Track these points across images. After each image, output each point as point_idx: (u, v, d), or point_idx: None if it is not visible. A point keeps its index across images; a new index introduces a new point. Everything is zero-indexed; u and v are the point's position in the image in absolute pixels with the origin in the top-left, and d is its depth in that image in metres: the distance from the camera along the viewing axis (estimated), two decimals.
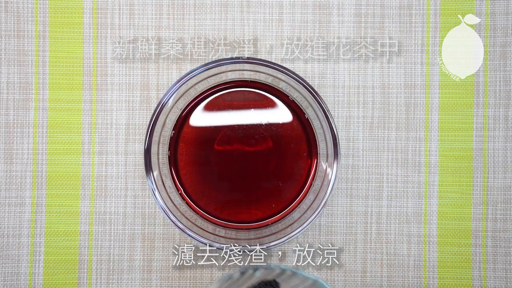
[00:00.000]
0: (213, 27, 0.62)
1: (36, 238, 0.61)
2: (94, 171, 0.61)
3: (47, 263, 0.61)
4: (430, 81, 0.62)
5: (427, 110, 0.62)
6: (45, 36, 0.62)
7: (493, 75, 0.62)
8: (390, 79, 0.62)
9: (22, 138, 0.61)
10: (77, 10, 0.62)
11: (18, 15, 0.62)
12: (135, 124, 0.62)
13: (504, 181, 0.61)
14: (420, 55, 0.62)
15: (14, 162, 0.61)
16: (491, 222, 0.61)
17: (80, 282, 0.61)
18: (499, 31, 0.62)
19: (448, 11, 0.62)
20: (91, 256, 0.61)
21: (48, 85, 0.62)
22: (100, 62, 0.62)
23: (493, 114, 0.62)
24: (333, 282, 0.61)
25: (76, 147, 0.61)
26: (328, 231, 0.61)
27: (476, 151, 0.62)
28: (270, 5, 0.62)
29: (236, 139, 0.59)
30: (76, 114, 0.62)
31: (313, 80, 0.62)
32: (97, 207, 0.61)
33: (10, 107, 0.61)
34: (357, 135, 0.62)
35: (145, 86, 0.62)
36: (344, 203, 0.61)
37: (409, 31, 0.62)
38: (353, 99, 0.62)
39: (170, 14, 0.62)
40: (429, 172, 0.62)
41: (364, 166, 0.62)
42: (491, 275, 0.61)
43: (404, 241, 0.61)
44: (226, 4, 0.62)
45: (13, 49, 0.62)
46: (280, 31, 0.62)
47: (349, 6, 0.62)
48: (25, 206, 0.61)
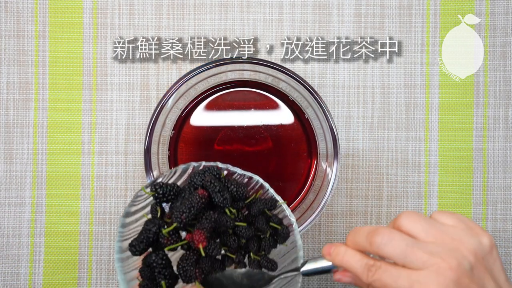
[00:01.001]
0: (213, 27, 0.62)
1: (36, 238, 0.61)
2: (94, 171, 0.61)
3: (47, 263, 0.61)
4: (430, 81, 0.62)
5: (427, 110, 0.62)
6: (45, 36, 0.62)
7: (493, 75, 0.62)
8: (390, 79, 0.62)
9: (22, 138, 0.61)
10: (77, 10, 0.62)
11: (18, 15, 0.62)
12: (135, 124, 0.62)
13: (504, 181, 0.61)
14: (420, 55, 0.62)
15: (14, 162, 0.61)
16: (491, 222, 0.61)
17: (80, 282, 0.61)
18: (499, 31, 0.62)
19: (448, 11, 0.62)
20: (91, 256, 0.61)
21: (48, 85, 0.62)
22: (100, 62, 0.62)
23: (493, 114, 0.62)
24: (333, 283, 0.61)
25: (76, 147, 0.61)
26: (328, 231, 0.61)
27: (476, 151, 0.62)
28: (270, 5, 0.62)
29: (236, 139, 0.59)
30: (76, 114, 0.62)
31: (313, 80, 0.62)
32: (97, 207, 0.61)
33: (10, 107, 0.61)
34: (357, 135, 0.62)
35: (145, 86, 0.62)
36: (344, 203, 0.61)
37: (409, 31, 0.62)
38: (353, 99, 0.62)
39: (170, 14, 0.62)
40: (429, 172, 0.62)
41: (364, 166, 0.62)
42: None
43: None
44: (226, 4, 0.62)
45: (13, 49, 0.62)
46: (280, 31, 0.62)
47: (349, 6, 0.62)
48: (25, 206, 0.61)
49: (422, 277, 0.39)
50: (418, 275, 0.39)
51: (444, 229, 0.42)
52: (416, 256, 0.40)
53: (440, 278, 0.39)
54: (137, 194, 0.48)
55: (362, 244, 0.42)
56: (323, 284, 0.61)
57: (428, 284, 0.38)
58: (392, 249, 0.40)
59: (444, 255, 0.39)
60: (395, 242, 0.40)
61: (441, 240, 0.41)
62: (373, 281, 0.41)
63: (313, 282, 0.61)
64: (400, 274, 0.40)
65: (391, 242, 0.40)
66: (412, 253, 0.40)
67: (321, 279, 0.61)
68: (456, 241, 0.41)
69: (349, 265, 0.43)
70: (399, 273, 0.40)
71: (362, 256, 0.43)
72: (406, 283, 0.39)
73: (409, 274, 0.40)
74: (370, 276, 0.41)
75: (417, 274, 0.39)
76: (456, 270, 0.39)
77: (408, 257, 0.40)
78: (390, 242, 0.40)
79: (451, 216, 0.43)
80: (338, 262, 0.44)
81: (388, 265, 0.41)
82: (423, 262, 0.39)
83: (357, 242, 0.43)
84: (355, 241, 0.43)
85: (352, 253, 0.43)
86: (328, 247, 0.45)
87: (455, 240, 0.41)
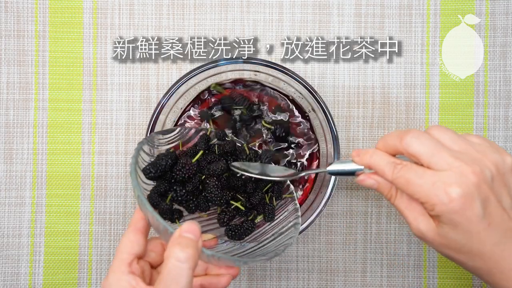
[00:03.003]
0: (213, 27, 0.62)
1: (36, 238, 0.61)
2: (94, 171, 0.61)
3: (47, 263, 0.61)
4: (430, 81, 0.62)
5: (427, 110, 0.62)
6: (45, 36, 0.62)
7: (493, 75, 0.62)
8: (390, 79, 0.62)
9: (22, 138, 0.61)
10: (77, 10, 0.62)
11: (18, 15, 0.62)
12: (135, 124, 0.62)
13: None
14: (420, 55, 0.62)
15: (14, 162, 0.61)
16: None
17: (80, 282, 0.61)
18: (499, 31, 0.62)
19: (448, 11, 0.62)
20: (91, 256, 0.61)
21: (48, 85, 0.62)
22: (100, 62, 0.62)
23: (493, 114, 0.62)
24: (333, 282, 0.61)
25: (76, 147, 0.61)
26: (328, 231, 0.61)
27: None
28: (270, 5, 0.62)
29: None
30: (76, 114, 0.62)
31: (313, 80, 0.62)
32: (97, 207, 0.61)
33: (10, 107, 0.61)
34: (357, 135, 0.62)
35: (145, 86, 0.62)
36: (344, 203, 0.61)
37: (409, 31, 0.62)
38: (353, 99, 0.62)
39: (170, 14, 0.62)
40: None
41: None
42: None
43: (404, 241, 0.61)
44: (226, 4, 0.62)
45: (13, 49, 0.62)
46: (280, 31, 0.62)
47: (349, 6, 0.62)
48: (25, 206, 0.61)
49: (445, 176, 0.41)
50: (442, 175, 0.41)
51: (471, 142, 0.44)
52: (442, 156, 0.42)
53: (463, 179, 0.41)
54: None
55: (392, 142, 0.44)
56: (323, 284, 0.61)
57: (451, 183, 0.41)
58: (421, 145, 0.42)
59: (468, 161, 0.41)
60: (425, 140, 0.43)
61: (467, 149, 0.43)
62: (398, 178, 0.43)
63: (313, 282, 0.61)
64: (425, 172, 0.42)
65: (420, 139, 0.43)
66: (439, 153, 0.42)
67: (321, 279, 0.61)
68: (480, 153, 0.43)
69: (376, 163, 0.45)
70: (423, 171, 0.42)
71: (390, 156, 0.45)
72: (430, 180, 0.41)
73: (433, 173, 0.42)
74: (395, 172, 0.43)
75: (441, 174, 0.41)
76: (478, 175, 0.41)
77: (435, 156, 0.42)
78: (419, 138, 0.43)
79: (478, 136, 0.45)
80: (366, 161, 0.46)
81: (414, 165, 0.43)
82: (448, 163, 0.41)
83: (388, 142, 0.45)
84: (385, 142, 0.45)
85: (380, 153, 0.45)
86: (357, 150, 0.47)
87: (479, 152, 0.43)
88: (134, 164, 0.46)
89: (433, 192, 0.41)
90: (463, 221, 0.41)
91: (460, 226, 0.41)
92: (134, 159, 0.46)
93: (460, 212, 0.40)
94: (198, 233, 0.41)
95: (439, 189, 0.41)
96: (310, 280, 0.61)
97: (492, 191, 0.41)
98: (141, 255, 0.44)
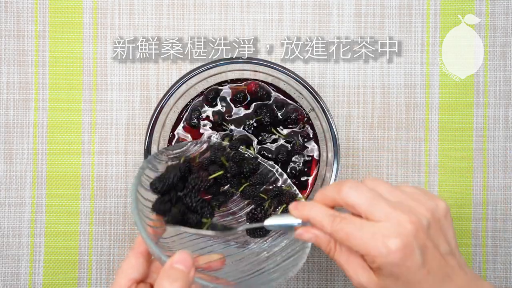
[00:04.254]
0: (213, 27, 0.62)
1: (36, 238, 0.61)
2: (94, 171, 0.61)
3: (47, 263, 0.61)
4: (430, 81, 0.62)
5: (427, 110, 0.62)
6: (45, 36, 0.62)
7: (493, 75, 0.62)
8: (390, 79, 0.62)
9: (22, 138, 0.61)
10: (77, 10, 0.62)
11: (18, 15, 0.62)
12: (135, 124, 0.62)
13: (504, 181, 0.61)
14: (420, 55, 0.62)
15: (14, 162, 0.61)
16: (491, 222, 0.61)
17: (80, 282, 0.61)
18: (499, 31, 0.62)
19: (448, 11, 0.62)
20: (91, 256, 0.61)
21: (48, 85, 0.62)
22: (100, 62, 0.62)
23: (493, 114, 0.62)
24: (333, 283, 0.61)
25: (76, 147, 0.61)
26: None
27: (476, 151, 0.62)
28: (270, 5, 0.62)
29: None
30: (76, 114, 0.62)
31: (313, 80, 0.62)
32: (97, 207, 0.61)
33: (10, 107, 0.61)
34: (357, 135, 0.62)
35: (145, 86, 0.62)
36: None
37: (409, 31, 0.62)
38: (353, 99, 0.62)
39: (170, 14, 0.62)
40: (429, 172, 0.62)
41: (364, 166, 0.62)
42: (491, 275, 0.61)
43: None
44: (226, 4, 0.62)
45: (13, 49, 0.62)
46: (280, 31, 0.62)
47: (349, 6, 0.62)
48: (25, 206, 0.61)
49: (383, 228, 0.41)
50: (380, 226, 0.41)
51: (405, 192, 0.45)
52: (380, 206, 0.42)
53: (401, 229, 0.41)
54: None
55: (331, 194, 0.44)
56: (323, 284, 0.61)
57: (389, 235, 0.41)
58: (358, 196, 0.43)
59: (405, 210, 0.42)
60: (362, 191, 0.43)
61: (402, 199, 0.44)
62: (337, 231, 0.43)
63: (313, 282, 0.61)
64: (363, 223, 0.42)
65: (358, 189, 0.43)
66: (377, 203, 0.42)
67: (321, 279, 0.61)
68: (416, 201, 0.44)
69: (315, 216, 0.44)
70: (362, 223, 0.42)
71: (328, 208, 0.45)
72: (369, 232, 0.41)
73: (372, 224, 0.42)
74: (334, 225, 0.43)
75: (380, 225, 0.41)
76: (415, 224, 0.41)
77: (373, 206, 0.42)
78: (357, 189, 0.43)
79: (412, 186, 0.46)
80: (304, 214, 0.45)
81: (353, 216, 0.43)
82: (385, 213, 0.42)
83: (326, 194, 0.45)
84: (324, 195, 0.45)
85: (319, 206, 0.45)
86: (295, 203, 0.46)
87: (415, 200, 0.44)
88: (135, 192, 0.45)
89: (373, 244, 0.41)
90: (404, 272, 0.41)
91: (400, 277, 0.41)
92: (134, 187, 0.45)
93: (400, 263, 0.41)
94: (190, 264, 0.41)
95: (378, 241, 0.41)
96: (310, 280, 0.61)
97: (429, 238, 0.42)
98: (142, 279, 0.45)
